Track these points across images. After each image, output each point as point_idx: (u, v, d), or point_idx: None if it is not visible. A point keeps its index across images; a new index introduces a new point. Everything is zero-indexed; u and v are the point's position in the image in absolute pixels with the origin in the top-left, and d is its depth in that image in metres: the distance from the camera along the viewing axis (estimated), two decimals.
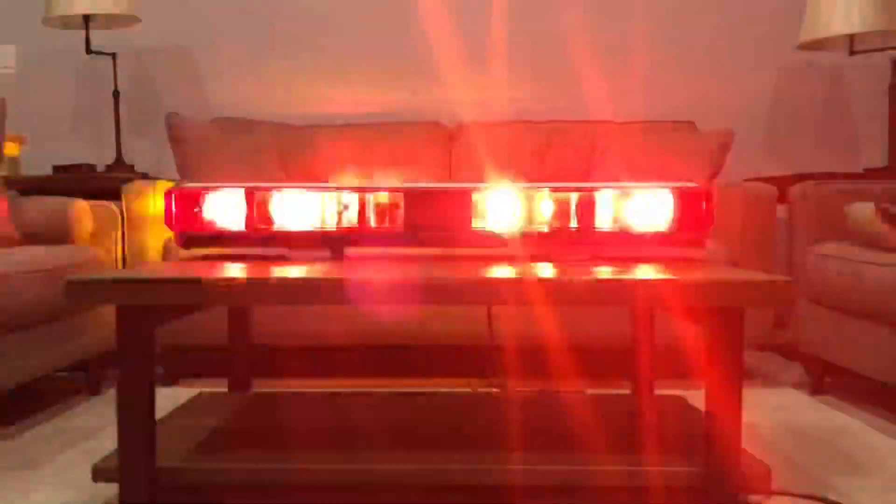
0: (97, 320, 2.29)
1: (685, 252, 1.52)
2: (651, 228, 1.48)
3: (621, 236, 1.48)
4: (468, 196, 1.48)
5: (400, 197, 1.48)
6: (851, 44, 2.85)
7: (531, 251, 1.48)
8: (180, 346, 2.40)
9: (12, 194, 2.39)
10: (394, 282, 1.19)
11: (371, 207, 1.48)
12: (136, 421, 1.25)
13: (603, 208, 1.48)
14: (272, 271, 1.25)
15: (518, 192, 1.48)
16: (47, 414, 2.09)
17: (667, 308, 1.37)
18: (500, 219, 1.48)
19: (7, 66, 3.17)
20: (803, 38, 2.87)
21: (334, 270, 1.27)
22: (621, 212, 1.48)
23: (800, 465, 1.67)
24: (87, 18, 2.84)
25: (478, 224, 1.48)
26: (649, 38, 3.16)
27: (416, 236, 1.48)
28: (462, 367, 2.38)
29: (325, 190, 1.49)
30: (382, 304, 1.25)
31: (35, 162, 2.93)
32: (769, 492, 1.42)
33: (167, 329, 1.56)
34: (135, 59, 3.17)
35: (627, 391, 1.87)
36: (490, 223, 1.48)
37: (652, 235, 1.48)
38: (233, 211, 1.50)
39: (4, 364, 1.87)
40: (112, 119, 3.00)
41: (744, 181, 2.56)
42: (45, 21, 2.88)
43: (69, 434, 1.90)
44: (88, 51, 2.89)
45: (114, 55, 2.97)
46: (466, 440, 1.46)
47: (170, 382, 2.39)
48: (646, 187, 1.48)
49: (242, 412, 1.67)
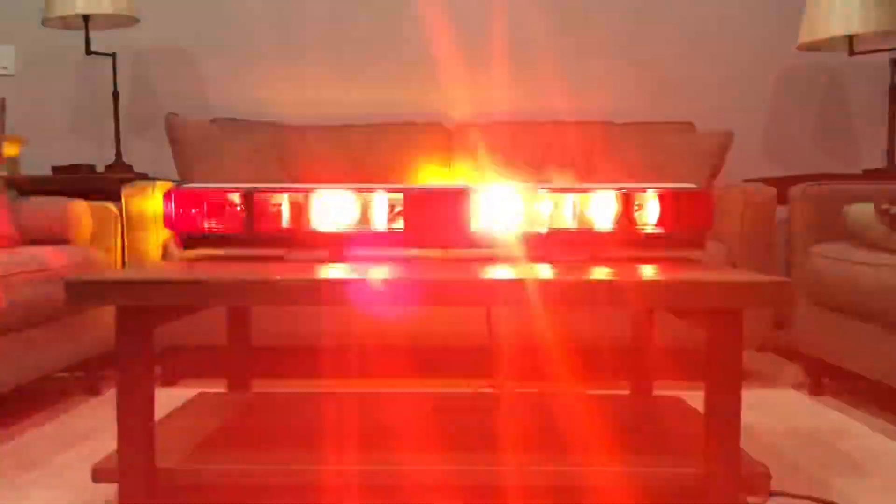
0: (97, 321, 2.28)
1: (684, 253, 1.52)
2: (650, 229, 1.49)
3: (620, 237, 1.49)
4: (468, 196, 1.48)
5: (399, 198, 1.48)
6: (851, 44, 2.85)
7: (530, 252, 1.48)
8: (180, 347, 2.40)
9: (12, 194, 2.39)
10: (394, 282, 1.19)
11: (371, 208, 1.48)
12: (136, 421, 1.25)
13: (602, 209, 1.48)
14: (272, 272, 1.25)
15: (517, 193, 1.48)
16: (47, 414, 2.09)
17: (666, 309, 1.38)
18: (500, 219, 1.48)
19: (7, 67, 3.18)
20: (803, 39, 2.87)
21: (334, 271, 1.27)
22: (620, 213, 1.48)
23: (799, 466, 1.67)
24: (87, 19, 2.84)
25: (477, 225, 1.48)
26: (649, 39, 3.16)
27: (416, 237, 1.48)
28: (462, 367, 2.38)
29: (325, 190, 1.49)
30: (382, 305, 1.25)
31: (35, 162, 2.93)
32: (768, 492, 1.42)
33: (167, 329, 1.55)
34: (134, 60, 3.17)
35: (626, 392, 1.87)
36: (489, 224, 1.48)
37: (651, 236, 1.49)
38: (232, 211, 1.50)
39: (4, 364, 1.87)
40: (112, 119, 3.00)
41: (743, 182, 2.56)
42: (45, 21, 2.89)
43: (69, 434, 1.90)
44: (88, 51, 2.89)
45: (113, 55, 2.98)
46: (466, 440, 1.47)
47: (170, 382, 2.40)
48: (645, 188, 1.49)
49: (242, 412, 1.67)
